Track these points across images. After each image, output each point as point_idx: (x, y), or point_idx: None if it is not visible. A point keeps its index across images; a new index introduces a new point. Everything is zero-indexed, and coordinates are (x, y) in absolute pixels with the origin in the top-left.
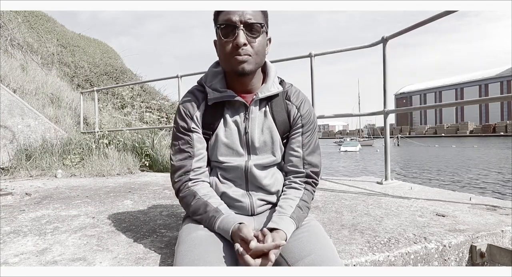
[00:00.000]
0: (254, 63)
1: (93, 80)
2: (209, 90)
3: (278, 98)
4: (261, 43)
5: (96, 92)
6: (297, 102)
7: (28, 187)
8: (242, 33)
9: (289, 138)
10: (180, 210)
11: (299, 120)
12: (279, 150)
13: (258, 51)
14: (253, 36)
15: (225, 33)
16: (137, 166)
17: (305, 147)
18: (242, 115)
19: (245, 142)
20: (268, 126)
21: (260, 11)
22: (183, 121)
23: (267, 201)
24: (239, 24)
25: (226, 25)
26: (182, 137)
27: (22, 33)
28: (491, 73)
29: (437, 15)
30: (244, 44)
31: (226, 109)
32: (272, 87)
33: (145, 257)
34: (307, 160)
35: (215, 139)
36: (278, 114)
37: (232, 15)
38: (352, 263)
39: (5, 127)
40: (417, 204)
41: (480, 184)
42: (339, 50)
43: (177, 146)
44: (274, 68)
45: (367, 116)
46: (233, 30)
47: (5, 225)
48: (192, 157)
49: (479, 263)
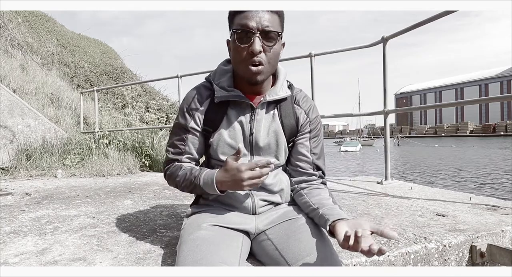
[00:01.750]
0: (266, 73)
1: (93, 80)
2: (217, 88)
3: (287, 102)
4: (276, 51)
5: (96, 92)
6: (306, 107)
7: (28, 187)
8: (258, 41)
9: (296, 142)
10: (180, 210)
11: (307, 126)
12: (283, 154)
13: (272, 59)
14: (269, 45)
15: (240, 38)
16: (137, 166)
17: (313, 152)
18: (248, 116)
19: (249, 143)
20: (274, 129)
21: (277, 15)
22: (183, 118)
23: (270, 201)
24: (255, 30)
25: (242, 30)
26: (179, 133)
27: (22, 33)
28: (491, 73)
29: (437, 15)
30: (260, 51)
31: (231, 108)
32: (281, 91)
33: (145, 257)
34: (316, 164)
35: (219, 139)
36: (287, 118)
37: (250, 20)
38: (352, 263)
39: (5, 127)
40: (417, 204)
41: (480, 183)
42: (339, 50)
43: (172, 140)
44: (284, 71)
45: (367, 116)
46: (249, 36)
47: (5, 225)
48: (183, 154)
49: (479, 263)
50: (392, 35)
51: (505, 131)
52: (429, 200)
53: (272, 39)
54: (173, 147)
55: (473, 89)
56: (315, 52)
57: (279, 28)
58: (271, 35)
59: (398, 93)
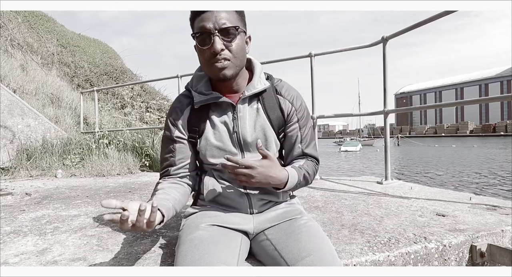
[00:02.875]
0: (234, 67)
1: (93, 80)
2: (195, 94)
3: (269, 94)
4: (239, 45)
5: (96, 92)
6: (289, 96)
7: (28, 187)
8: (218, 39)
9: (286, 133)
10: (180, 210)
11: (295, 115)
12: (274, 146)
13: (237, 53)
14: (229, 40)
15: (201, 41)
16: (137, 166)
17: (303, 142)
18: (230, 114)
19: (236, 141)
20: (261, 123)
21: (234, 12)
22: (167, 129)
23: (267, 200)
24: (213, 30)
25: (201, 32)
26: (167, 146)
27: (22, 33)
28: (491, 73)
29: (437, 15)
30: (222, 49)
31: (212, 111)
32: (259, 84)
33: (145, 257)
34: (306, 153)
35: (206, 143)
36: (271, 110)
37: (206, 22)
38: (352, 263)
39: (5, 127)
40: (417, 204)
41: (480, 183)
42: (339, 50)
43: (162, 154)
44: (260, 65)
45: (367, 116)
46: (209, 37)
47: (5, 225)
48: (173, 165)
49: (479, 263)
50: (392, 35)
51: (505, 131)
52: (429, 200)
53: (232, 34)
54: (164, 161)
55: (473, 89)
56: (315, 52)
57: (237, 23)
58: (230, 31)
59: (398, 93)
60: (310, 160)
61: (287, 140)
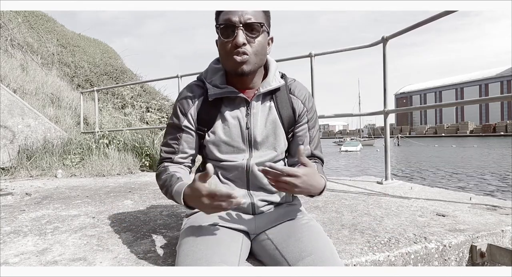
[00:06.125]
0: (253, 63)
1: (93, 80)
2: (209, 86)
3: (282, 93)
4: (261, 43)
5: (96, 92)
6: (302, 96)
7: (28, 187)
8: (241, 33)
9: (295, 133)
10: (180, 210)
11: (305, 115)
12: (283, 145)
13: (257, 50)
14: (253, 36)
15: (224, 33)
16: (137, 166)
17: (312, 143)
18: (244, 110)
19: (247, 138)
20: (272, 120)
21: (261, 11)
22: (176, 117)
23: (269, 201)
24: (238, 24)
25: (225, 25)
26: (173, 132)
27: (22, 33)
28: (491, 73)
29: (437, 15)
30: (244, 43)
31: (225, 106)
32: (273, 82)
33: (145, 257)
34: (314, 154)
35: (214, 137)
36: (283, 108)
37: (232, 15)
38: (352, 263)
39: (5, 127)
40: (417, 204)
41: (480, 183)
42: (339, 50)
43: (166, 139)
44: (275, 63)
45: (367, 116)
46: (233, 30)
47: (5, 225)
48: (176, 153)
49: (479, 263)
50: (392, 35)
51: (505, 131)
52: (429, 200)
53: (256, 30)
54: (167, 146)
55: (473, 89)
56: (315, 52)
57: (262, 20)
58: (254, 27)
59: (398, 93)
60: (318, 162)
61: (294, 140)
